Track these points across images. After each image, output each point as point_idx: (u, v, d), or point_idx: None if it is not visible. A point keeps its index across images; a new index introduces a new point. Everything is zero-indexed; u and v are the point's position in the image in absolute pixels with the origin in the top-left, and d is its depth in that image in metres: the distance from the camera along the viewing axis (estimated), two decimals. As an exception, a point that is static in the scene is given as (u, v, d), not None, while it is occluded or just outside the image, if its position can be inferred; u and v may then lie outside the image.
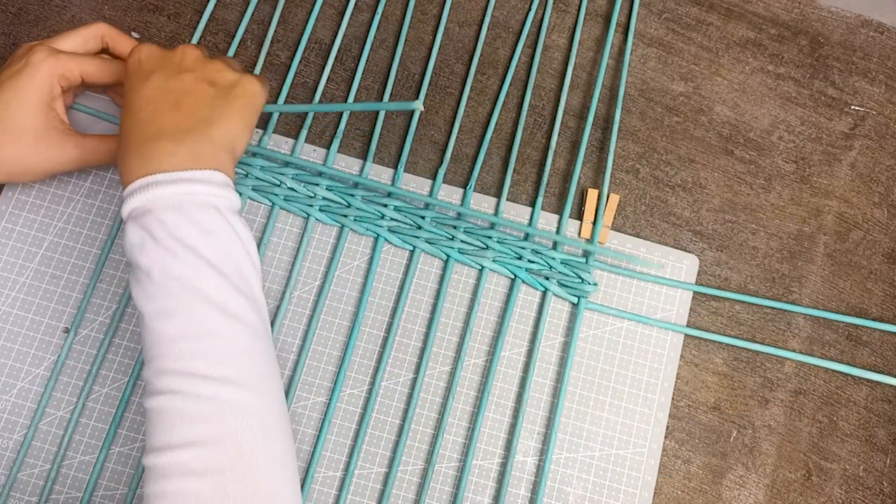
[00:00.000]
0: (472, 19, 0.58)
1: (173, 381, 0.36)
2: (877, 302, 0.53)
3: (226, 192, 0.39)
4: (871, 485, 0.50)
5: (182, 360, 0.36)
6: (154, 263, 0.37)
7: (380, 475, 0.48)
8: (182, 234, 0.37)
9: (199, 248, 0.37)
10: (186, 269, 0.37)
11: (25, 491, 0.46)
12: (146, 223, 0.37)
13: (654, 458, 0.49)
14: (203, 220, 0.37)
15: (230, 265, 0.38)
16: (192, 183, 0.38)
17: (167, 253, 0.37)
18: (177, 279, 0.36)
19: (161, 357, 0.36)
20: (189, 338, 0.36)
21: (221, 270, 0.37)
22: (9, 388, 0.48)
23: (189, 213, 0.37)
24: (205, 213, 0.38)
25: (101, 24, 0.48)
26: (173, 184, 0.37)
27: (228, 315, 0.37)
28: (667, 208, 0.54)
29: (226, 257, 0.38)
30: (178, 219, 0.37)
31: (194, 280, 0.37)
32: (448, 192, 0.53)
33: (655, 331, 0.51)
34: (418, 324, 0.51)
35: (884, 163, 0.56)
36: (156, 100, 0.40)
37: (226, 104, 0.41)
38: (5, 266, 0.49)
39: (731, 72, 0.57)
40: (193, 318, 0.36)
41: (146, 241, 0.37)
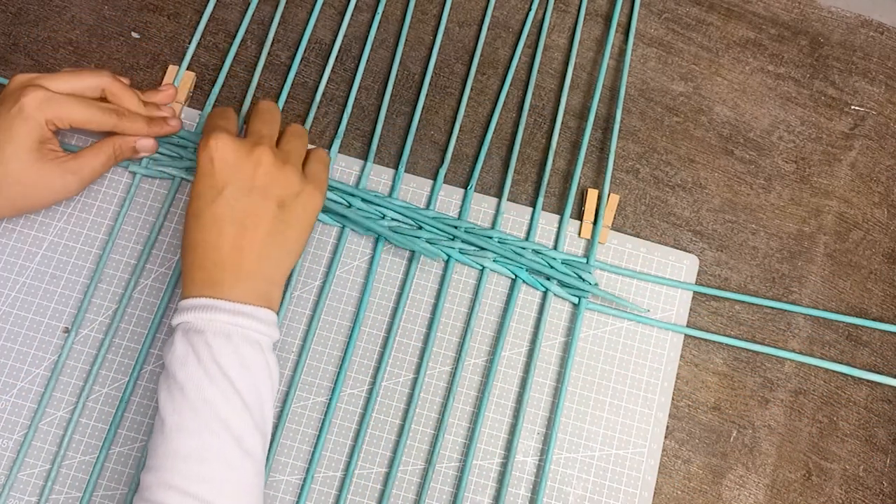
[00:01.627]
0: (472, 19, 0.58)
1: (173, 498, 0.37)
2: (877, 302, 0.53)
3: (271, 331, 0.41)
4: (871, 485, 0.50)
5: (189, 480, 0.37)
6: (190, 380, 0.39)
7: (380, 475, 0.48)
8: (224, 362, 0.39)
9: (235, 379, 0.39)
10: (219, 395, 0.38)
11: (25, 491, 0.46)
12: (194, 341, 0.39)
13: (654, 458, 0.49)
14: (246, 354, 0.40)
15: (256, 402, 0.40)
16: (246, 318, 0.40)
17: (206, 375, 0.39)
18: (207, 402, 0.38)
19: (169, 470, 0.38)
20: (202, 461, 0.38)
21: (248, 405, 0.39)
22: (9, 388, 0.48)
23: (236, 344, 0.40)
24: (249, 348, 0.40)
25: (104, 76, 0.47)
26: (230, 314, 0.40)
27: (243, 449, 0.39)
28: (667, 208, 0.54)
29: (254, 394, 0.40)
30: (225, 347, 0.39)
31: (223, 408, 0.38)
32: (448, 192, 0.53)
33: (655, 331, 0.51)
34: (419, 324, 0.51)
35: (884, 163, 0.56)
36: (222, 220, 0.41)
37: (287, 229, 0.43)
38: (5, 266, 0.49)
39: (731, 72, 0.57)
40: (212, 443, 0.38)
41: (189, 358, 0.39)
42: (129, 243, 0.50)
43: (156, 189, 0.52)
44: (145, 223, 0.51)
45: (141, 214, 0.51)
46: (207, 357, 0.39)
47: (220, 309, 0.40)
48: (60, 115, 0.45)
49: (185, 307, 0.40)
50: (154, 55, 0.55)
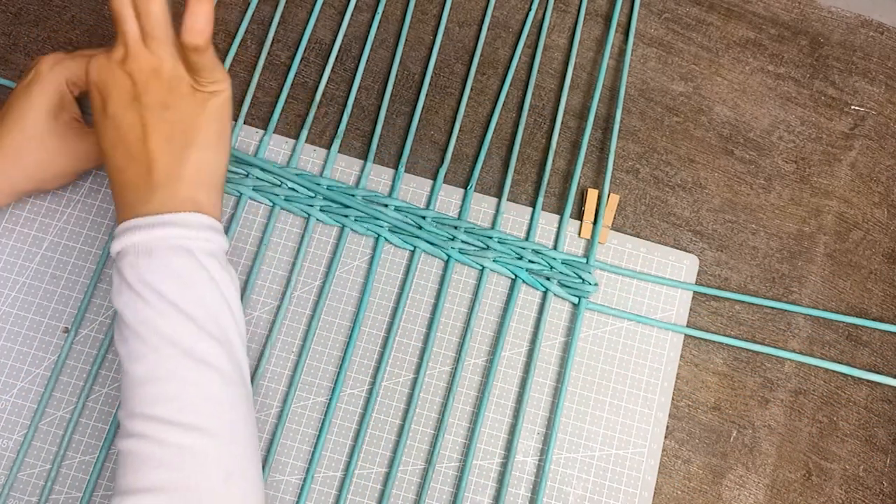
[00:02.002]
0: (472, 19, 0.58)
1: (140, 425, 0.36)
2: (877, 302, 0.53)
3: (204, 234, 0.39)
4: (871, 485, 0.50)
5: (148, 404, 0.36)
6: (126, 307, 0.37)
7: (380, 475, 0.48)
8: (150, 278, 0.37)
9: (166, 292, 0.37)
10: (153, 313, 0.37)
11: (25, 491, 0.46)
12: (121, 268, 0.38)
13: (654, 458, 0.49)
14: (174, 264, 0.37)
15: (201, 310, 0.38)
16: (165, 226, 0.38)
17: (137, 297, 0.37)
18: (145, 323, 0.37)
19: (130, 400, 0.37)
20: (156, 381, 0.36)
21: (191, 315, 0.37)
22: (9, 388, 0.48)
23: (160, 257, 0.37)
24: (177, 258, 0.38)
25: None
26: (147, 228, 0.38)
27: (197, 360, 0.37)
28: (667, 208, 0.54)
29: (196, 302, 0.37)
30: (149, 263, 0.37)
31: (161, 325, 0.37)
32: (448, 192, 0.53)
33: (655, 331, 0.51)
34: (418, 324, 0.51)
35: (884, 163, 0.56)
36: (117, 140, 0.39)
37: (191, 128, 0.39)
38: (5, 266, 0.49)
39: (731, 72, 0.57)
40: (161, 362, 0.37)
41: (121, 285, 0.38)
42: (129, 243, 0.50)
43: (156, 189, 0.51)
44: (145, 223, 0.51)
45: (141, 214, 0.51)
46: (134, 278, 0.37)
47: (136, 227, 0.38)
48: (76, 71, 0.44)
49: (112, 238, 0.39)
50: (154, 55, 0.55)
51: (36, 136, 0.44)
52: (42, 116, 0.44)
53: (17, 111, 0.44)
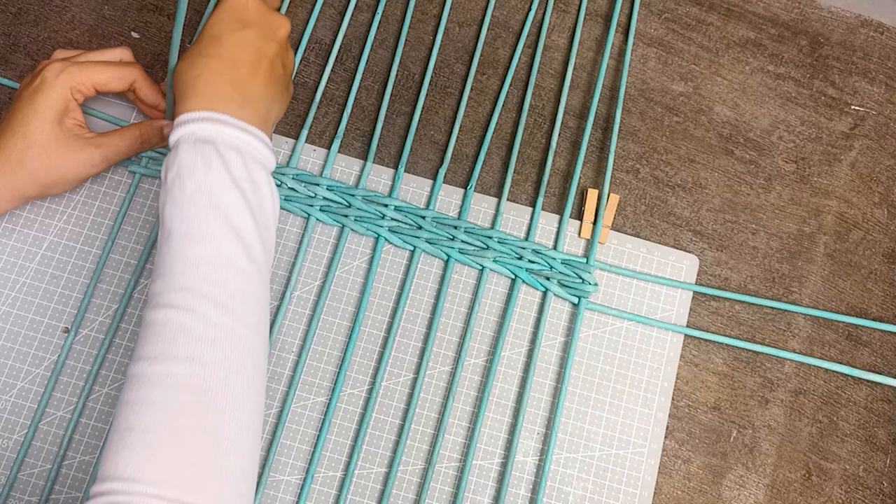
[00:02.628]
0: (472, 19, 0.58)
1: (188, 299, 0.37)
2: (877, 302, 0.53)
3: (271, 155, 0.42)
4: (871, 485, 0.50)
5: (203, 282, 0.37)
6: (200, 189, 0.38)
7: (380, 475, 0.48)
8: (236, 173, 0.39)
9: (245, 190, 0.40)
10: (231, 203, 0.39)
11: (26, 491, 0.46)
12: (204, 151, 0.39)
13: (654, 458, 0.49)
14: (253, 170, 0.40)
15: (262, 216, 0.40)
16: (254, 137, 0.41)
17: (217, 183, 0.39)
18: (219, 210, 0.38)
19: (182, 274, 0.37)
20: (215, 265, 0.38)
21: (256, 217, 0.40)
22: (9, 388, 0.48)
23: (245, 159, 0.40)
24: (255, 166, 0.41)
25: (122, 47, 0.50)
26: (239, 129, 0.41)
27: (251, 258, 0.39)
28: (667, 208, 0.54)
29: (261, 208, 0.40)
30: (237, 159, 0.40)
31: (234, 217, 0.39)
32: (448, 192, 0.53)
33: (655, 331, 0.51)
34: (418, 324, 0.51)
35: (884, 163, 0.56)
36: (243, 49, 0.42)
37: (283, 89, 0.45)
38: (5, 266, 0.49)
39: (731, 72, 0.57)
40: (223, 248, 0.38)
41: (198, 166, 0.39)
42: (129, 243, 0.50)
43: (156, 189, 0.52)
44: (145, 223, 0.51)
45: (141, 214, 0.51)
46: (219, 166, 0.39)
47: (230, 124, 0.40)
48: (82, 79, 0.46)
49: (190, 119, 0.40)
50: (154, 55, 0.55)
51: (39, 143, 0.45)
52: (46, 123, 0.45)
53: (22, 117, 0.45)
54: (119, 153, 0.48)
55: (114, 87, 0.48)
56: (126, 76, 0.48)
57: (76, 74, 0.46)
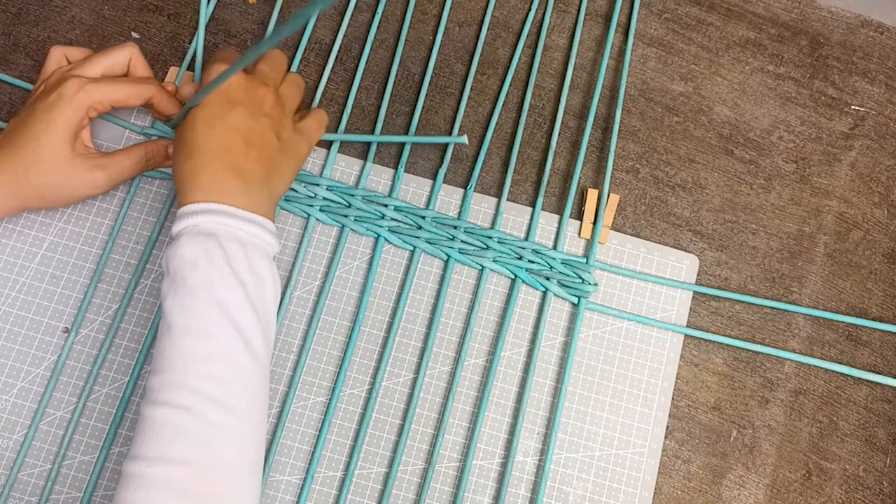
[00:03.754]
0: (472, 19, 0.58)
1: (186, 398, 0.37)
2: (877, 302, 0.53)
3: (274, 241, 0.42)
4: (871, 485, 0.50)
5: (201, 380, 0.37)
6: (202, 283, 0.38)
7: (380, 475, 0.48)
8: (237, 266, 0.39)
9: (246, 283, 0.39)
10: (231, 298, 0.39)
11: (25, 491, 0.46)
12: (206, 244, 0.39)
13: (654, 458, 0.49)
14: (255, 262, 0.40)
15: (263, 308, 0.40)
16: (257, 226, 0.41)
17: (219, 277, 0.39)
18: (219, 304, 0.38)
19: (180, 371, 0.37)
20: (214, 361, 0.38)
21: (257, 311, 0.40)
22: (9, 388, 0.48)
23: (247, 250, 0.40)
24: (258, 257, 0.41)
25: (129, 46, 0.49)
26: (241, 220, 0.41)
27: (252, 353, 0.39)
28: (667, 208, 0.54)
29: (262, 301, 0.40)
30: (238, 252, 0.40)
31: (235, 313, 0.39)
32: (448, 192, 0.53)
33: (655, 331, 0.51)
34: (418, 324, 0.51)
35: (884, 163, 0.56)
36: (235, 131, 0.42)
37: (284, 161, 0.45)
38: (5, 266, 0.49)
39: (731, 72, 0.57)
40: (223, 345, 0.38)
41: (200, 260, 0.39)
42: (129, 243, 0.50)
43: (156, 189, 0.52)
44: (145, 223, 0.51)
45: (141, 214, 0.51)
46: (221, 260, 0.39)
47: (232, 214, 0.40)
48: (100, 98, 0.45)
49: (192, 211, 0.40)
50: (154, 55, 0.55)
51: (47, 160, 0.44)
52: (57, 141, 0.44)
53: (33, 131, 0.44)
54: (124, 174, 0.48)
55: (131, 104, 0.47)
56: (143, 93, 0.47)
57: (93, 93, 0.45)
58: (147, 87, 0.48)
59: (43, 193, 0.45)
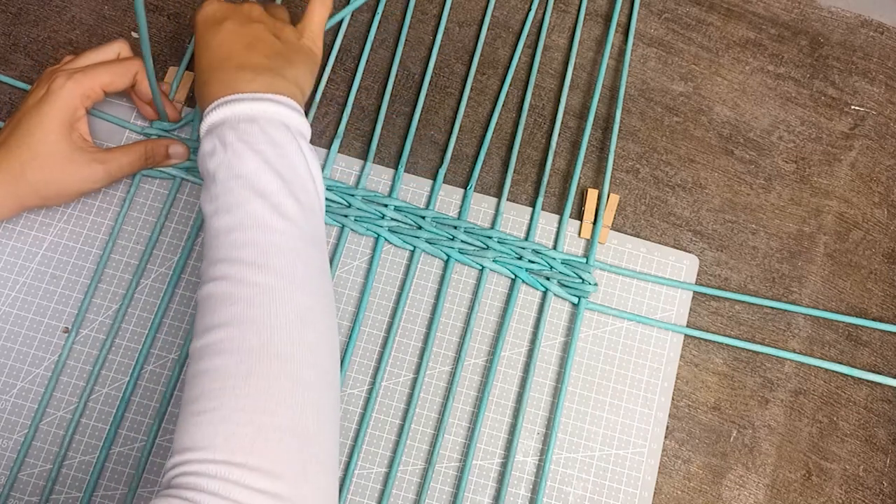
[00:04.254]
0: (472, 19, 0.58)
1: (222, 268, 0.37)
2: (877, 302, 0.53)
3: (296, 116, 0.42)
4: (871, 485, 0.50)
5: (233, 248, 0.38)
6: (220, 166, 0.39)
7: (380, 475, 0.48)
8: (251, 139, 0.40)
9: (265, 152, 0.39)
10: (249, 168, 0.39)
11: (26, 491, 0.46)
12: (220, 132, 0.40)
13: (654, 458, 0.49)
14: (272, 133, 0.40)
15: (291, 174, 0.40)
16: (267, 102, 0.41)
17: (234, 155, 0.39)
18: (238, 177, 0.39)
19: (215, 248, 0.38)
20: (242, 229, 0.38)
21: (283, 176, 0.39)
22: (9, 388, 0.48)
23: (261, 124, 0.40)
24: (275, 128, 0.40)
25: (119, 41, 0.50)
26: (250, 101, 0.41)
27: (282, 215, 0.39)
28: (667, 208, 0.54)
29: (289, 167, 0.40)
30: (250, 128, 0.40)
31: (255, 179, 0.39)
32: (448, 192, 0.53)
33: (655, 331, 0.51)
34: (418, 324, 0.51)
35: (884, 163, 0.56)
36: (230, 41, 0.43)
37: (293, 55, 0.45)
38: (5, 266, 0.49)
39: (731, 72, 0.57)
40: (249, 211, 0.38)
41: (216, 148, 0.40)
42: (129, 243, 0.50)
43: (156, 189, 0.52)
44: (145, 223, 0.51)
45: (141, 214, 0.51)
46: (233, 139, 0.39)
47: (239, 100, 0.41)
48: (89, 84, 0.46)
49: (207, 111, 0.41)
50: (154, 55, 0.55)
51: (43, 154, 0.44)
52: (52, 135, 0.45)
53: (27, 127, 0.45)
54: (122, 171, 0.48)
55: (119, 84, 0.48)
56: (129, 69, 0.48)
57: (82, 80, 0.46)
58: (131, 62, 0.48)
59: (41, 190, 0.45)
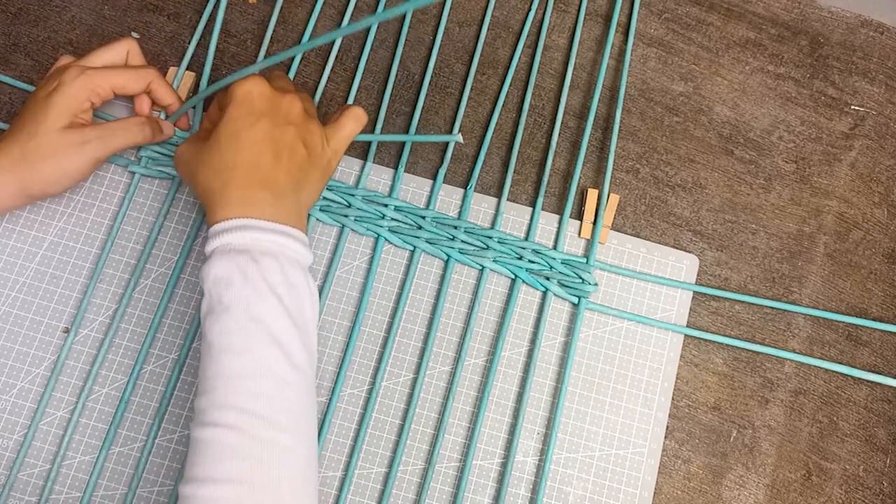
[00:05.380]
0: (472, 19, 0.58)
1: (231, 416, 0.37)
2: (877, 302, 0.53)
3: (307, 252, 0.42)
4: (871, 485, 0.50)
5: (245, 397, 0.37)
6: (238, 301, 0.38)
7: (380, 475, 0.48)
8: (273, 279, 0.39)
9: (283, 296, 0.39)
10: (268, 312, 0.38)
11: (25, 491, 0.46)
12: (239, 261, 0.39)
13: (654, 458, 0.49)
14: (291, 273, 0.40)
15: (302, 320, 0.40)
16: (288, 237, 0.41)
17: (254, 292, 0.38)
18: (256, 321, 0.38)
19: (223, 390, 0.37)
20: (256, 377, 0.37)
21: (296, 322, 0.39)
22: (9, 388, 0.48)
23: (281, 262, 0.40)
24: (293, 269, 0.40)
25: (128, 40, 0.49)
26: (273, 233, 0.40)
27: (294, 366, 0.38)
28: (667, 208, 0.54)
29: (300, 312, 0.40)
30: (273, 265, 0.39)
31: (273, 325, 0.38)
32: (448, 192, 0.53)
33: (655, 331, 0.51)
34: (418, 324, 0.51)
35: (884, 163, 0.56)
36: (261, 144, 0.42)
37: (312, 171, 0.44)
38: (5, 266, 0.49)
39: (731, 72, 0.57)
40: (264, 360, 0.38)
41: (235, 278, 0.39)
42: (129, 243, 0.50)
43: (156, 189, 0.52)
44: (145, 223, 0.51)
45: (141, 214, 0.51)
46: (255, 275, 0.39)
47: (263, 228, 0.40)
48: (100, 82, 0.46)
49: (224, 229, 0.40)
50: (154, 55, 0.55)
51: (50, 149, 0.44)
52: (57, 123, 0.45)
53: (32, 115, 0.45)
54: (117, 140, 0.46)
55: (131, 88, 0.48)
56: (143, 77, 0.48)
57: (94, 77, 0.46)
58: (147, 71, 0.48)
59: (45, 183, 0.45)
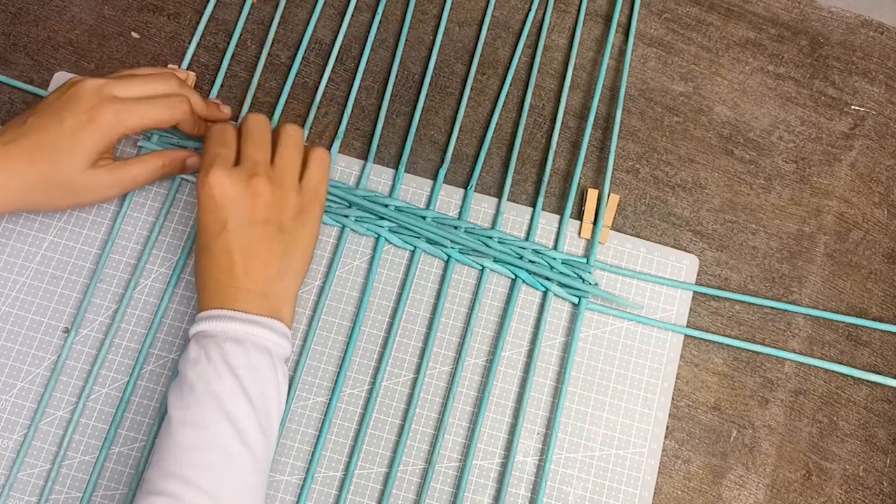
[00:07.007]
0: (472, 19, 0.58)
1: (174, 486, 0.38)
2: (877, 302, 0.53)
3: (281, 341, 0.43)
4: (871, 485, 0.50)
5: (189, 468, 0.38)
6: (200, 378, 0.40)
7: (380, 475, 0.48)
8: (233, 362, 0.41)
9: (242, 377, 0.41)
10: (225, 389, 0.40)
11: (25, 491, 0.46)
12: (207, 345, 0.41)
13: (654, 458, 0.49)
14: (255, 358, 0.41)
15: (261, 402, 0.41)
16: (258, 326, 0.42)
17: (214, 371, 0.40)
18: (213, 395, 0.40)
19: (172, 460, 0.39)
20: (204, 449, 0.39)
21: (253, 403, 0.41)
22: (9, 388, 0.48)
23: (247, 349, 0.41)
24: (259, 354, 0.42)
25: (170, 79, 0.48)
26: (243, 322, 0.42)
27: (244, 443, 0.40)
28: (667, 208, 0.54)
29: (261, 394, 0.41)
30: (236, 350, 0.41)
31: (228, 401, 0.40)
32: (448, 192, 0.53)
33: (655, 331, 0.51)
34: (419, 324, 0.51)
35: (884, 163, 0.56)
36: (231, 253, 0.43)
37: (292, 253, 0.45)
38: (5, 266, 0.49)
39: (731, 72, 0.57)
40: (214, 433, 0.39)
41: (200, 359, 0.41)
42: (129, 243, 0.50)
43: (156, 189, 0.52)
44: (145, 223, 0.51)
45: (141, 214, 0.51)
46: (218, 357, 0.41)
47: (234, 318, 0.42)
48: (133, 125, 0.45)
49: (201, 318, 0.42)
50: (154, 55, 0.55)
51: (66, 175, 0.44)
52: (80, 161, 0.44)
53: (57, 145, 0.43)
54: (136, 182, 0.47)
55: (164, 123, 0.46)
56: (174, 115, 0.46)
57: (128, 121, 0.44)
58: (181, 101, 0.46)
59: (55, 202, 0.45)
